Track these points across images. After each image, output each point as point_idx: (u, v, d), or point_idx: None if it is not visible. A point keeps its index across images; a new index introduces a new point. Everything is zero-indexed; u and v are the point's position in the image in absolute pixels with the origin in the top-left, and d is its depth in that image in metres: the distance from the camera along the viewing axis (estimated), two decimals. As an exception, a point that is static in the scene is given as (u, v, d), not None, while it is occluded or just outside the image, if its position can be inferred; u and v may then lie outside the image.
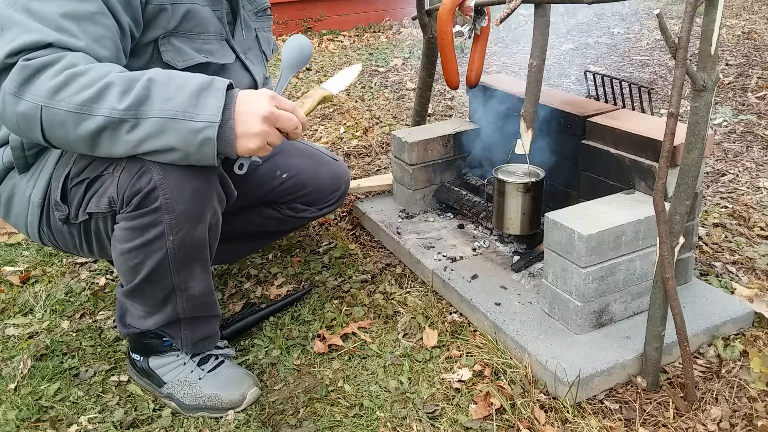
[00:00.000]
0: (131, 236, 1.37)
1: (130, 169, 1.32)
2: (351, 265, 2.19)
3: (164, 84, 1.21)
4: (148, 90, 1.20)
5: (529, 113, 1.63)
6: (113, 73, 1.21)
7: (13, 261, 2.37)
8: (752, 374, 1.56)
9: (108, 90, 1.19)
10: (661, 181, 1.33)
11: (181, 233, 1.36)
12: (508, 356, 1.66)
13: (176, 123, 1.20)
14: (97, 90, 1.18)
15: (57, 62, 1.20)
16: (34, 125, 1.22)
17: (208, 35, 1.51)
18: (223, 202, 1.44)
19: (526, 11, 1.61)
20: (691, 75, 1.29)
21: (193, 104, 1.21)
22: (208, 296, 1.53)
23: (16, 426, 1.56)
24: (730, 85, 3.91)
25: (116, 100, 1.18)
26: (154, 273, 1.41)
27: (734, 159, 2.89)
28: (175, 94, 1.21)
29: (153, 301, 1.48)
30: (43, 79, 1.19)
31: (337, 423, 1.52)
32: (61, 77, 1.19)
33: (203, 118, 1.20)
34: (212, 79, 1.25)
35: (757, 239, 2.21)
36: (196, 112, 1.20)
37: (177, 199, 1.32)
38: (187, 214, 1.35)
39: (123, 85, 1.19)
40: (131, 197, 1.33)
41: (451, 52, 1.87)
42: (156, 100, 1.20)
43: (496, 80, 2.35)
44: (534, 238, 2.04)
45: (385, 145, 3.29)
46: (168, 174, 1.30)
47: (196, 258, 1.44)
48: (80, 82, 1.19)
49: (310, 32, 6.37)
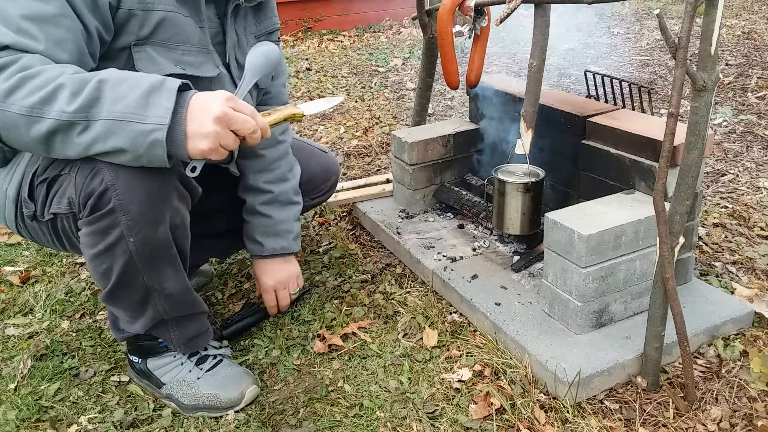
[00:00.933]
0: (94, 241, 1.35)
1: (83, 170, 1.30)
2: (351, 265, 2.19)
3: (115, 85, 1.19)
4: (99, 91, 1.18)
5: (529, 113, 1.63)
6: (65, 74, 1.19)
7: (13, 261, 2.37)
8: (752, 374, 1.56)
9: (58, 92, 1.17)
10: (661, 181, 1.33)
11: (141, 234, 1.33)
12: (508, 356, 1.66)
13: (125, 125, 1.18)
14: (48, 92, 1.17)
15: (11, 65, 1.18)
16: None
17: (189, 46, 1.45)
18: (186, 200, 1.40)
19: (526, 11, 1.61)
20: (691, 75, 1.29)
21: (142, 105, 1.18)
22: (186, 294, 1.50)
23: (16, 426, 1.56)
24: (730, 85, 3.91)
25: (65, 103, 1.16)
26: (124, 276, 1.39)
27: (734, 159, 2.89)
28: (125, 95, 1.18)
29: (132, 304, 1.47)
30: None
31: (337, 423, 1.52)
32: (13, 80, 1.17)
33: (152, 120, 1.18)
34: (164, 79, 1.22)
35: (757, 239, 2.21)
36: (146, 113, 1.18)
37: (131, 200, 1.29)
38: (144, 215, 1.31)
39: (73, 87, 1.17)
40: (86, 199, 1.31)
41: (451, 52, 1.87)
42: (106, 102, 1.18)
43: (496, 80, 2.35)
44: (534, 238, 2.04)
45: (385, 145, 3.29)
46: (120, 174, 1.27)
47: (164, 258, 1.40)
48: (32, 84, 1.17)
49: (310, 32, 6.37)
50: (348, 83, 4.57)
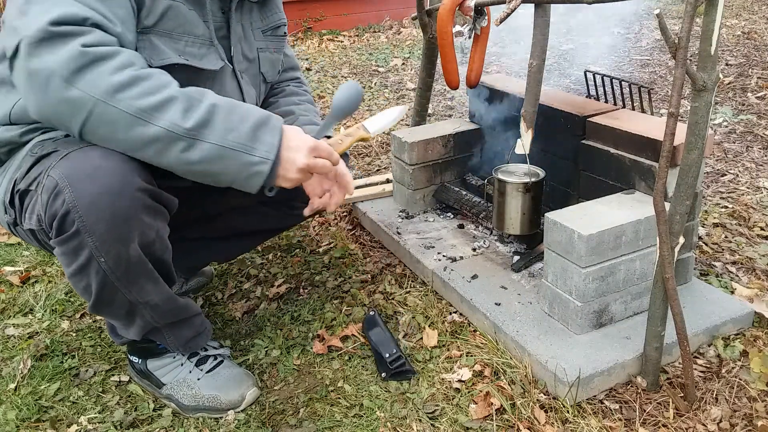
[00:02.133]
0: (68, 261, 1.32)
1: (47, 188, 1.26)
2: (351, 265, 2.19)
3: (227, 112, 1.26)
4: (211, 114, 1.24)
5: (529, 113, 1.63)
6: (174, 85, 1.24)
7: (13, 261, 2.37)
8: (752, 374, 1.56)
9: (171, 104, 1.21)
10: (661, 181, 1.33)
11: (111, 254, 1.29)
12: (508, 356, 1.66)
13: (234, 153, 1.25)
14: (160, 101, 1.21)
15: (115, 56, 1.20)
16: (77, 116, 1.20)
17: (193, 37, 1.44)
18: (160, 213, 1.36)
19: (526, 11, 1.61)
20: (691, 75, 1.29)
21: (251, 138, 1.26)
22: (172, 303, 1.48)
23: (16, 426, 1.56)
24: (730, 85, 3.91)
25: (179, 117, 1.21)
26: (103, 293, 1.36)
27: (734, 159, 2.89)
28: (236, 126, 1.25)
29: (119, 316, 1.46)
30: (102, 72, 1.18)
31: (337, 423, 1.52)
32: (124, 76, 1.19)
33: (259, 154, 1.27)
34: (269, 115, 1.31)
35: (757, 239, 2.21)
36: (254, 146, 1.26)
37: (96, 221, 1.25)
38: (110, 234, 1.27)
39: (185, 103, 1.22)
40: (51, 221, 1.28)
41: (451, 52, 1.87)
42: (218, 128, 1.24)
43: (496, 80, 2.35)
44: (534, 238, 2.04)
45: (385, 145, 3.29)
46: (82, 195, 1.24)
47: (140, 273, 1.36)
48: (144, 86, 1.20)
49: (310, 32, 6.37)
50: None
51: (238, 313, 1.97)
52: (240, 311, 1.97)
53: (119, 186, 1.26)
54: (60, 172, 1.25)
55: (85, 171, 1.25)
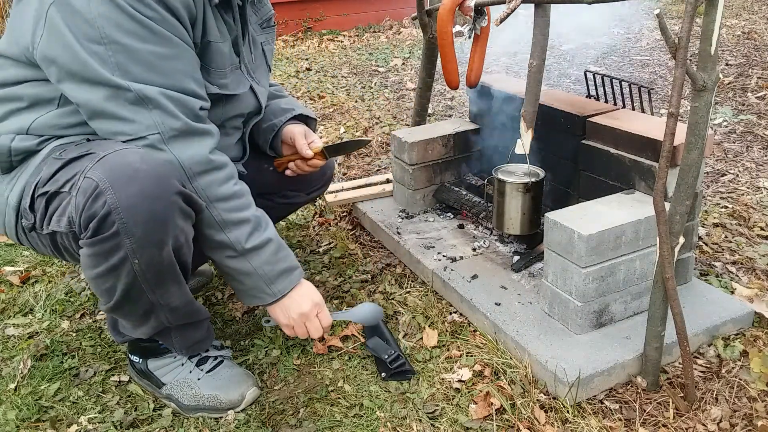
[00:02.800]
0: (96, 263, 1.34)
1: (84, 189, 1.28)
2: (351, 265, 2.19)
3: (274, 251, 1.51)
4: (264, 246, 1.49)
5: (529, 113, 1.63)
6: (252, 208, 1.49)
7: (13, 261, 2.37)
8: (752, 374, 1.56)
9: (244, 224, 1.46)
10: (661, 181, 1.33)
11: (146, 257, 1.33)
12: (508, 356, 1.66)
13: (259, 280, 1.50)
14: (240, 219, 1.45)
15: (224, 168, 1.45)
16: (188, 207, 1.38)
17: (223, 70, 1.52)
18: (191, 217, 1.40)
19: (526, 11, 1.61)
20: (691, 75, 1.29)
21: (276, 277, 1.52)
22: (189, 306, 1.51)
23: (16, 426, 1.56)
24: (730, 85, 3.91)
25: (244, 238, 1.46)
26: (128, 294, 1.39)
27: (734, 159, 2.89)
28: (274, 264, 1.51)
29: (135, 316, 1.47)
30: (214, 180, 1.42)
31: (337, 423, 1.52)
32: (227, 190, 1.44)
33: (274, 290, 1.53)
34: (297, 267, 1.57)
35: (757, 239, 2.21)
36: (274, 283, 1.52)
37: (135, 223, 1.28)
38: (148, 237, 1.31)
39: (253, 228, 1.47)
40: (87, 222, 1.29)
41: (451, 52, 1.87)
42: (264, 257, 1.49)
43: (496, 80, 2.35)
44: (534, 238, 2.04)
45: (385, 145, 3.29)
46: (123, 197, 1.27)
47: (169, 276, 1.40)
48: (235, 203, 1.45)
49: (310, 32, 6.37)
50: (348, 83, 4.57)
51: (238, 313, 1.97)
52: (240, 311, 1.97)
53: (159, 189, 1.31)
54: (100, 174, 1.28)
55: (127, 173, 1.28)
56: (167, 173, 1.33)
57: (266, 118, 1.84)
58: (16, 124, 1.44)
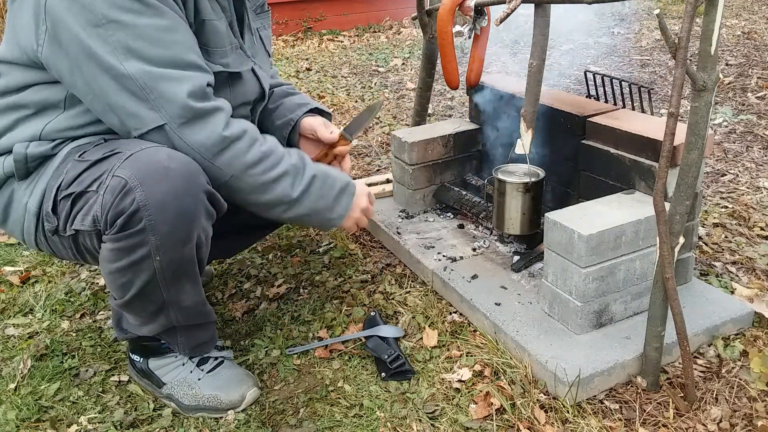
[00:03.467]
0: (117, 257, 1.36)
1: (113, 188, 1.30)
2: (351, 265, 2.19)
3: (322, 183, 1.54)
4: (310, 186, 1.51)
5: (529, 113, 1.63)
6: (286, 158, 1.49)
7: (13, 261, 2.37)
8: (752, 374, 1.56)
9: (284, 178, 1.47)
10: (661, 181, 1.33)
11: (168, 254, 1.35)
12: (508, 356, 1.66)
13: (320, 213, 1.56)
14: (278, 175, 1.46)
15: (244, 135, 1.42)
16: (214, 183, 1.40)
17: (223, 48, 1.52)
18: (212, 217, 1.43)
19: (526, 11, 1.61)
20: (691, 75, 1.29)
21: (334, 202, 1.57)
22: (200, 306, 1.52)
23: (16, 426, 1.56)
24: (730, 85, 3.91)
25: (289, 188, 1.48)
26: (144, 290, 1.40)
27: (734, 159, 2.89)
28: (326, 193, 1.55)
29: (145, 313, 1.48)
30: (236, 151, 1.40)
31: (337, 423, 1.52)
32: (254, 155, 1.42)
33: (337, 213, 1.59)
34: (348, 182, 1.61)
35: (757, 239, 2.21)
36: (334, 208, 1.57)
37: (162, 221, 1.31)
38: (173, 235, 1.34)
39: (294, 175, 1.49)
40: (115, 218, 1.31)
41: (451, 52, 1.87)
42: (313, 195, 1.52)
43: (496, 80, 2.35)
44: (534, 238, 2.04)
45: (385, 145, 3.29)
46: (153, 194, 1.29)
47: (186, 275, 1.42)
48: (266, 163, 1.44)
49: (310, 32, 6.37)
50: (348, 83, 4.57)
51: (238, 313, 1.97)
52: (240, 311, 1.97)
53: (187, 187, 1.34)
54: (129, 172, 1.30)
55: (157, 171, 1.31)
56: (195, 171, 1.36)
57: (281, 114, 1.84)
58: (28, 131, 1.45)
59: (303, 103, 1.87)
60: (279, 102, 1.86)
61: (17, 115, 1.46)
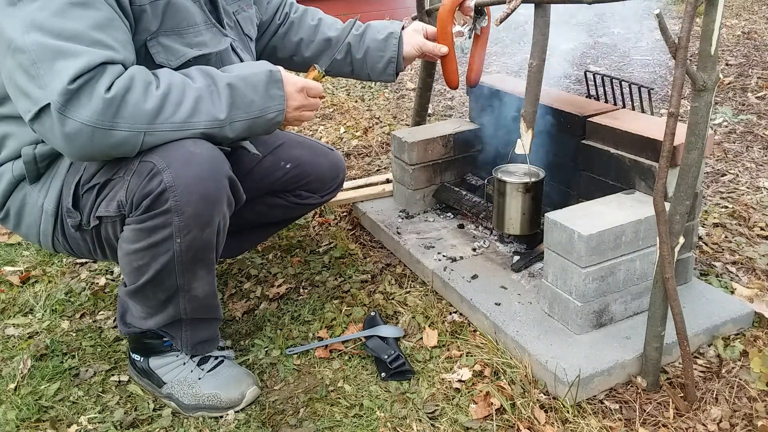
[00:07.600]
0: (139, 237, 1.38)
1: (140, 172, 1.34)
2: (351, 265, 2.19)
3: (242, 88, 1.39)
4: (232, 97, 1.37)
5: (529, 113, 1.63)
6: (189, 83, 1.33)
7: (13, 261, 2.37)
8: (752, 374, 1.56)
9: (200, 104, 1.34)
10: (661, 181, 1.33)
11: (190, 236, 1.38)
12: (508, 356, 1.66)
13: (259, 119, 1.42)
14: (191, 106, 1.32)
15: (134, 84, 1.27)
16: (132, 148, 1.31)
17: (196, 27, 1.49)
18: (232, 206, 1.46)
19: (526, 11, 1.61)
20: (691, 75, 1.29)
21: (266, 99, 1.41)
22: (210, 299, 1.53)
23: (16, 426, 1.56)
24: (730, 85, 3.91)
25: (214, 111, 1.35)
26: (159, 274, 1.42)
27: (734, 159, 2.89)
28: (253, 98, 1.40)
29: (155, 301, 1.49)
30: (133, 104, 1.26)
31: (337, 423, 1.52)
32: (153, 101, 1.28)
33: (275, 109, 1.43)
34: (269, 70, 1.43)
35: (757, 239, 2.21)
36: (270, 106, 1.42)
37: (187, 202, 1.34)
38: (197, 217, 1.37)
39: (211, 96, 1.35)
40: (141, 199, 1.34)
41: (451, 52, 1.87)
42: (242, 106, 1.38)
43: (496, 80, 2.35)
44: (534, 238, 2.04)
45: (385, 145, 3.29)
46: (179, 176, 1.33)
47: (203, 260, 1.45)
48: (172, 100, 1.30)
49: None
50: (348, 83, 4.57)
51: (238, 313, 1.97)
52: (240, 311, 1.97)
53: (213, 172, 1.37)
54: (157, 156, 1.33)
55: (184, 155, 1.33)
56: (220, 158, 1.38)
57: (372, 55, 1.95)
58: (29, 133, 1.46)
59: (383, 37, 1.93)
60: (364, 47, 1.95)
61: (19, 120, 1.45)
